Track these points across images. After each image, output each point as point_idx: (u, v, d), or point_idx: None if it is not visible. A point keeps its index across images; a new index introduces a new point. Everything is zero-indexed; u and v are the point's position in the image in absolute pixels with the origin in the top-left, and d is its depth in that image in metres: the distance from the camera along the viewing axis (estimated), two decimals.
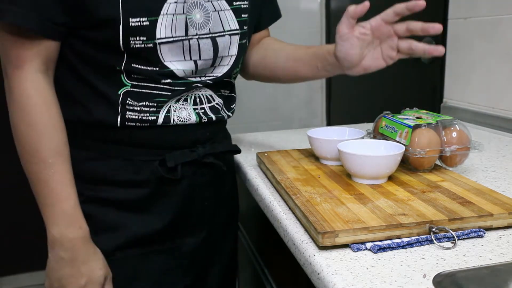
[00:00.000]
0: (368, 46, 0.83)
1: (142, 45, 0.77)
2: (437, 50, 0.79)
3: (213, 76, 0.86)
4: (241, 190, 1.07)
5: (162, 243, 0.88)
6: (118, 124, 0.81)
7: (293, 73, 0.96)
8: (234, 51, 0.88)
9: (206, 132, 0.89)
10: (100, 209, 0.83)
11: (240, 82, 0.94)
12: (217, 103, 0.89)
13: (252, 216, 1.13)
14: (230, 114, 0.94)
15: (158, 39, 0.78)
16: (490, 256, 0.60)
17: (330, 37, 2.31)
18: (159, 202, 0.86)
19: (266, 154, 1.00)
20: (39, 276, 2.34)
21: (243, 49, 0.90)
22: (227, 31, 0.85)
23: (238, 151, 0.97)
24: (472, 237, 0.65)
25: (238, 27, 0.86)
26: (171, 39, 0.79)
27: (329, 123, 2.41)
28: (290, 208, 0.77)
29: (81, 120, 0.82)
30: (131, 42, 0.76)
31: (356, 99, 2.17)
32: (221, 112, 0.91)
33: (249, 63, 1.02)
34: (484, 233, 0.66)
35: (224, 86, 0.91)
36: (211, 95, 0.88)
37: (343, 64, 0.85)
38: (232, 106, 0.95)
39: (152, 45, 0.78)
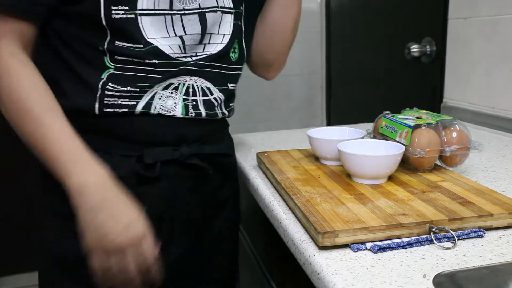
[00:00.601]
0: None
1: (124, 15, 0.74)
2: None
3: (204, 54, 0.82)
4: (241, 190, 1.07)
5: None
6: (97, 111, 0.78)
7: (268, 32, 0.96)
8: (226, 30, 0.84)
9: (195, 130, 0.85)
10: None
11: (240, 82, 0.94)
12: (215, 98, 0.85)
13: (252, 216, 1.13)
14: (226, 113, 0.90)
15: (139, 9, 0.75)
16: (490, 256, 0.60)
17: (330, 37, 2.32)
18: (138, 202, 0.81)
19: (266, 154, 1.00)
20: None
21: (238, 29, 0.87)
22: (221, 7, 0.82)
23: (230, 155, 0.93)
24: (472, 237, 0.65)
25: (232, 5, 0.84)
26: (153, 12, 0.76)
27: (329, 123, 2.41)
28: (290, 208, 0.77)
29: (64, 110, 0.78)
30: (113, 11, 0.74)
31: (356, 99, 2.17)
32: (216, 108, 0.86)
33: (254, 41, 0.99)
34: (484, 233, 0.66)
35: (229, 78, 0.87)
36: (209, 88, 0.84)
37: None
38: (231, 105, 0.91)
39: (133, 15, 0.75)
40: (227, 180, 0.95)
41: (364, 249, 0.62)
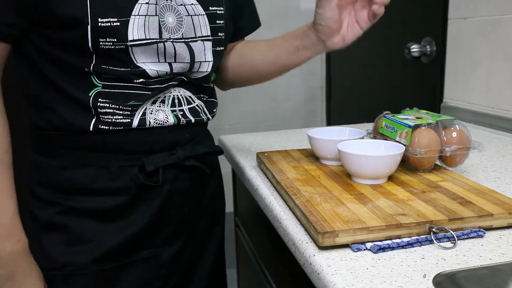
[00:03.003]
0: (343, 12, 0.79)
1: (112, 46, 0.74)
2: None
3: (191, 77, 0.84)
4: (241, 190, 1.07)
5: (138, 252, 0.85)
6: (91, 129, 0.78)
7: (273, 63, 0.92)
8: (209, 57, 0.85)
9: (185, 133, 0.86)
10: (76, 220, 0.81)
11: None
12: (197, 105, 0.87)
13: (252, 216, 1.13)
14: (210, 117, 0.91)
15: (130, 41, 0.75)
16: (490, 256, 0.60)
17: None
18: (137, 209, 0.83)
19: (266, 154, 1.00)
20: None
21: (219, 55, 0.88)
22: (199, 37, 0.83)
23: (220, 152, 0.94)
24: (472, 237, 0.65)
25: (209, 34, 0.84)
26: (144, 41, 0.76)
27: (329, 123, 2.41)
28: (290, 208, 0.77)
29: (53, 126, 0.79)
30: (101, 43, 0.73)
31: (356, 99, 2.17)
32: (201, 114, 0.88)
33: (225, 69, 0.98)
34: (484, 233, 0.66)
35: (203, 91, 0.89)
36: (190, 97, 0.85)
37: (322, 34, 0.81)
38: (214, 110, 0.92)
39: (123, 46, 0.75)
40: (213, 177, 0.97)
41: (364, 249, 0.62)
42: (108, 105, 0.77)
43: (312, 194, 0.75)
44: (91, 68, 0.76)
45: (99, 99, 0.77)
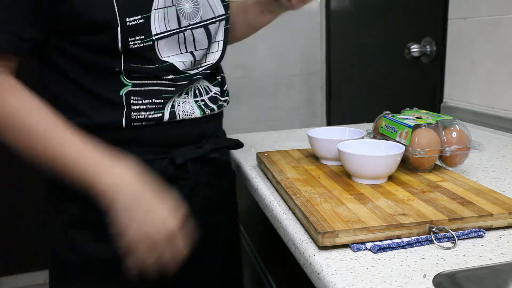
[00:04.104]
0: None
1: (141, 44, 0.76)
2: None
3: (208, 64, 0.86)
4: (241, 190, 1.07)
5: None
6: (124, 125, 0.80)
7: (245, 25, 1.03)
8: (220, 36, 0.87)
9: (210, 126, 0.89)
10: (103, 215, 0.80)
11: (240, 82, 0.95)
12: (214, 93, 0.89)
13: (252, 216, 1.13)
14: (228, 98, 0.94)
15: (154, 35, 0.77)
16: (490, 256, 0.60)
17: (330, 37, 2.32)
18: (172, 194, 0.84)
19: (266, 154, 1.00)
20: (39, 276, 2.34)
21: (227, 34, 0.91)
22: (217, 16, 0.85)
23: (241, 145, 0.97)
24: (472, 237, 0.65)
25: (224, 12, 0.87)
26: (167, 33, 0.78)
27: (329, 123, 2.41)
28: (290, 208, 0.77)
29: (83, 126, 0.79)
30: (130, 43, 0.75)
31: (356, 99, 2.17)
32: (219, 101, 0.91)
33: None
34: (484, 233, 0.66)
35: (216, 72, 0.91)
36: (207, 86, 0.88)
37: None
38: (224, 89, 0.94)
39: (150, 42, 0.77)
40: (228, 170, 0.99)
41: (364, 249, 0.62)
42: (141, 101, 0.79)
43: (312, 194, 0.75)
44: (122, 67, 0.77)
45: (132, 97, 0.79)
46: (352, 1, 2.16)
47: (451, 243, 0.63)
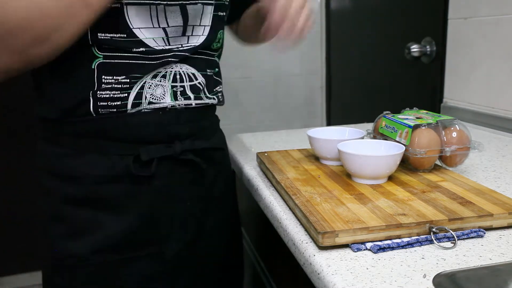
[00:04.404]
0: None
1: (108, 4, 0.73)
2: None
3: (189, 45, 0.84)
4: (241, 190, 1.07)
5: (142, 248, 0.84)
6: (91, 108, 0.79)
7: (255, 33, 1.01)
8: (207, 21, 0.85)
9: (186, 127, 0.86)
10: (75, 210, 0.81)
11: (240, 82, 0.95)
12: (199, 82, 0.87)
13: (252, 216, 1.13)
14: (215, 98, 0.91)
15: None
16: (490, 256, 0.60)
17: (330, 37, 2.32)
18: (135, 200, 0.83)
19: (266, 154, 1.00)
20: (39, 276, 2.34)
21: (219, 20, 0.88)
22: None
23: (222, 148, 0.95)
24: (472, 237, 0.65)
25: None
26: (138, 1, 0.76)
27: (329, 123, 2.41)
28: (290, 208, 0.77)
29: (55, 111, 0.80)
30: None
31: (356, 99, 2.17)
32: (200, 93, 0.87)
33: (237, 32, 1.10)
34: (484, 233, 0.66)
35: (207, 64, 0.89)
36: (193, 73, 0.86)
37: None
38: (215, 89, 0.92)
39: (118, 5, 0.75)
40: (221, 174, 0.96)
41: (364, 249, 0.62)
42: (110, 78, 0.78)
43: (312, 194, 0.75)
44: (89, 37, 0.76)
45: (102, 75, 0.78)
46: (352, 1, 2.16)
47: (451, 243, 0.64)
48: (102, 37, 0.77)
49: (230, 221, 1.01)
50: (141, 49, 0.79)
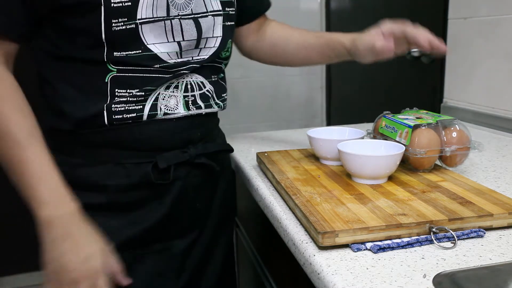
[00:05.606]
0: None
1: (123, 27, 0.75)
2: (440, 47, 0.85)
3: (200, 58, 0.85)
4: (241, 190, 1.07)
5: (151, 245, 0.86)
6: (106, 121, 0.79)
7: (305, 60, 1.05)
8: (218, 32, 0.87)
9: (197, 131, 0.88)
10: (90, 216, 0.80)
11: (240, 82, 0.95)
12: (207, 90, 0.88)
13: (252, 216, 1.13)
14: (222, 104, 0.93)
15: (139, 19, 0.76)
16: (490, 256, 0.60)
17: None
18: (150, 205, 0.84)
19: (266, 154, 1.00)
20: (39, 276, 2.34)
21: (228, 31, 0.90)
22: (210, 11, 0.84)
23: (230, 150, 0.97)
24: (472, 237, 0.65)
25: (220, 8, 0.86)
26: (152, 19, 0.78)
27: (329, 123, 2.41)
28: (290, 208, 0.77)
29: (69, 125, 0.80)
30: (113, 24, 0.75)
31: (356, 99, 2.17)
32: (210, 100, 0.89)
33: (258, 51, 1.07)
34: (484, 233, 0.66)
35: (214, 71, 0.90)
36: (202, 82, 0.87)
37: (357, 57, 0.97)
38: (223, 95, 0.93)
39: (133, 26, 0.76)
40: (224, 174, 0.98)
41: (364, 249, 0.62)
42: (123, 91, 0.79)
43: (312, 194, 0.75)
44: (104, 56, 0.77)
45: (116, 87, 0.79)
46: (352, 1, 2.16)
47: (451, 243, 0.63)
48: (118, 55, 0.78)
49: (229, 219, 1.03)
50: (156, 64, 0.80)
